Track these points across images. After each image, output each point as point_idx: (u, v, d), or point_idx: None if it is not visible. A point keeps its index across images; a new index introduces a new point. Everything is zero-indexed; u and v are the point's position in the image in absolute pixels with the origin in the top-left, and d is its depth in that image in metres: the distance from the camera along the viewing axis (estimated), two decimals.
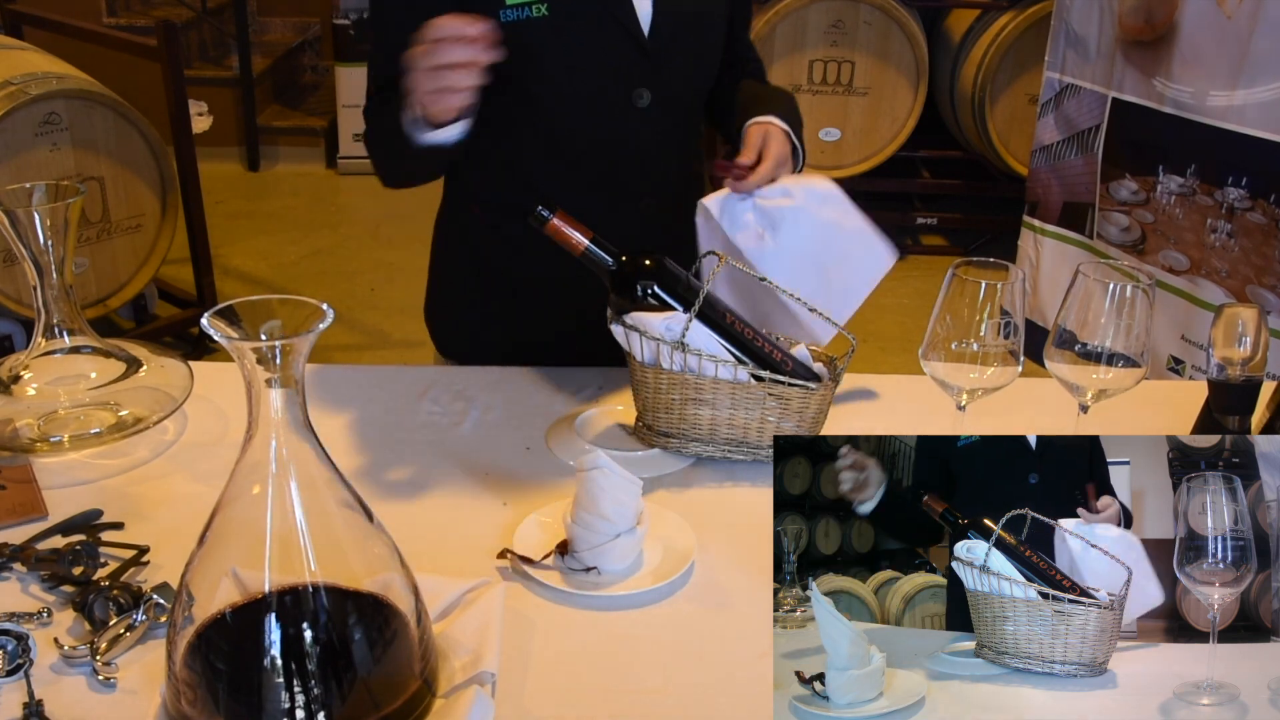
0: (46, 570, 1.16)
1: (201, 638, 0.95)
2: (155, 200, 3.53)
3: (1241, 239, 2.42)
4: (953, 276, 1.24)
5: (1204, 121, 2.44)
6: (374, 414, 1.52)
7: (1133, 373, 1.26)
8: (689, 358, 1.36)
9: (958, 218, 4.92)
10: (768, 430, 1.39)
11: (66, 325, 1.39)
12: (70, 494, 1.32)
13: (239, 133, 5.61)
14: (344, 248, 4.77)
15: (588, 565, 1.19)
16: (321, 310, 0.92)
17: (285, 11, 6.14)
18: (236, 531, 0.95)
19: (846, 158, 4.63)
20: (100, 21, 5.46)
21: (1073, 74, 2.83)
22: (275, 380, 0.91)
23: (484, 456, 1.43)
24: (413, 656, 0.99)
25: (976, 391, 1.27)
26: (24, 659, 1.02)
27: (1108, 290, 1.24)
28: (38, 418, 1.40)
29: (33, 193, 1.32)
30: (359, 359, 3.84)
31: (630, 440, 1.47)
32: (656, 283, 1.37)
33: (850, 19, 4.39)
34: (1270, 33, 2.26)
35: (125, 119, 3.35)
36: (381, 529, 1.01)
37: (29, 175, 3.15)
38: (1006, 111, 4.45)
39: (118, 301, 3.53)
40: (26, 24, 4.09)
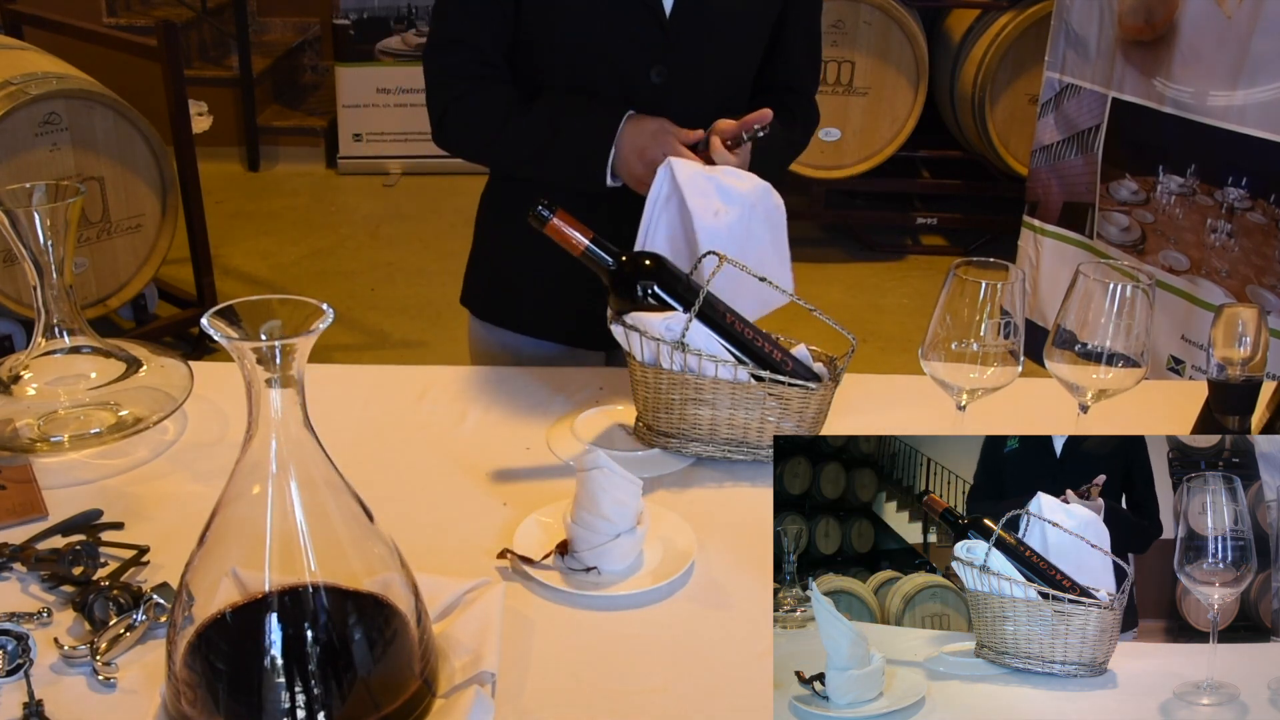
0: (46, 570, 1.16)
1: (201, 638, 0.95)
2: (155, 200, 3.53)
3: (1241, 239, 2.42)
4: (953, 276, 1.24)
5: (1204, 121, 2.44)
6: (374, 414, 1.52)
7: (1133, 373, 1.26)
8: (689, 358, 1.36)
9: (958, 218, 4.91)
10: (768, 430, 1.39)
11: (66, 325, 1.39)
12: (70, 494, 1.32)
13: (239, 133, 5.61)
14: (344, 248, 4.77)
15: (588, 565, 1.19)
16: (321, 310, 0.92)
17: (285, 11, 6.14)
18: (236, 531, 0.95)
19: (846, 158, 4.63)
20: (100, 21, 5.46)
21: (1073, 74, 2.83)
22: (275, 380, 0.91)
23: (484, 456, 1.43)
24: (413, 656, 0.99)
25: (976, 391, 1.27)
26: (24, 659, 1.02)
27: (1108, 290, 1.24)
28: (38, 418, 1.40)
29: (33, 193, 1.32)
30: (359, 359, 3.84)
31: (630, 440, 1.47)
32: (656, 283, 1.37)
33: (850, 19, 4.39)
34: (1270, 33, 2.26)
35: (125, 119, 3.35)
36: (381, 529, 1.01)
37: (29, 175, 3.15)
38: (1006, 111, 4.45)
39: (118, 301, 3.53)
40: (26, 24, 4.09)
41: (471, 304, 1.86)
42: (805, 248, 4.91)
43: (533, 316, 1.79)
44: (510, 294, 1.79)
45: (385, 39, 5.40)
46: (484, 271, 1.84)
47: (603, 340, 1.73)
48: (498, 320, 1.81)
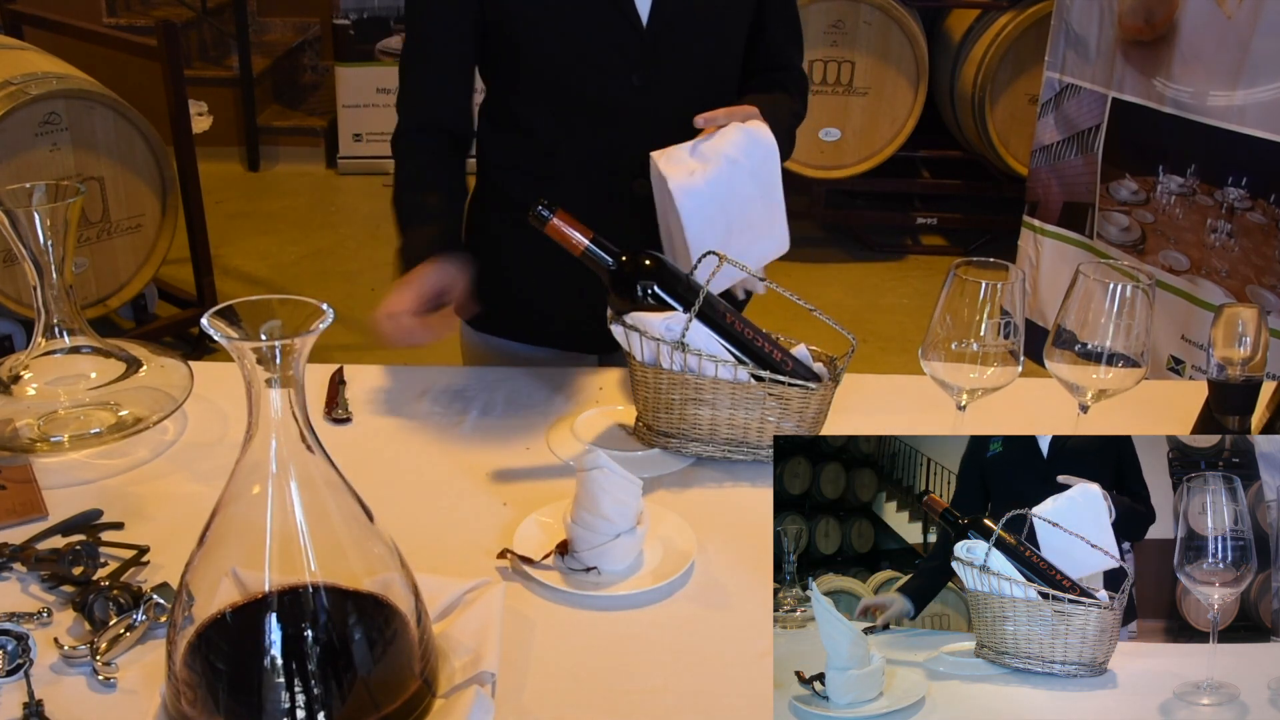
0: (46, 570, 1.16)
1: (201, 638, 0.95)
2: (155, 200, 3.53)
3: (1241, 239, 2.42)
4: (953, 276, 1.24)
5: (1204, 121, 2.44)
6: (374, 414, 1.52)
7: (1133, 373, 1.26)
8: (689, 358, 1.36)
9: (958, 218, 4.92)
10: (768, 430, 1.39)
11: (66, 325, 1.39)
12: (70, 494, 1.32)
13: (239, 133, 5.61)
14: (344, 248, 4.77)
15: (588, 565, 1.19)
16: (321, 310, 0.92)
17: (285, 11, 6.14)
18: (236, 531, 0.95)
19: (846, 158, 4.64)
20: (100, 21, 5.46)
21: (1073, 74, 2.83)
22: (275, 380, 0.91)
23: (484, 456, 1.43)
24: (413, 656, 0.99)
25: (976, 391, 1.27)
26: (24, 659, 1.02)
27: (1108, 290, 1.24)
28: (38, 418, 1.40)
29: (33, 193, 1.32)
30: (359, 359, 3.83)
31: (630, 440, 1.47)
32: (656, 283, 1.37)
33: (850, 19, 4.39)
34: (1270, 33, 2.26)
35: (125, 119, 3.35)
36: (381, 529, 1.01)
37: (29, 175, 3.15)
38: (1006, 111, 4.45)
39: (118, 301, 3.53)
40: (26, 24, 4.09)
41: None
42: (805, 248, 4.91)
43: (523, 322, 1.77)
44: (501, 299, 1.77)
45: (385, 39, 5.40)
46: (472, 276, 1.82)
47: (595, 344, 1.74)
48: (487, 326, 1.79)
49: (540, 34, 1.56)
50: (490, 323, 1.79)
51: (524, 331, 1.78)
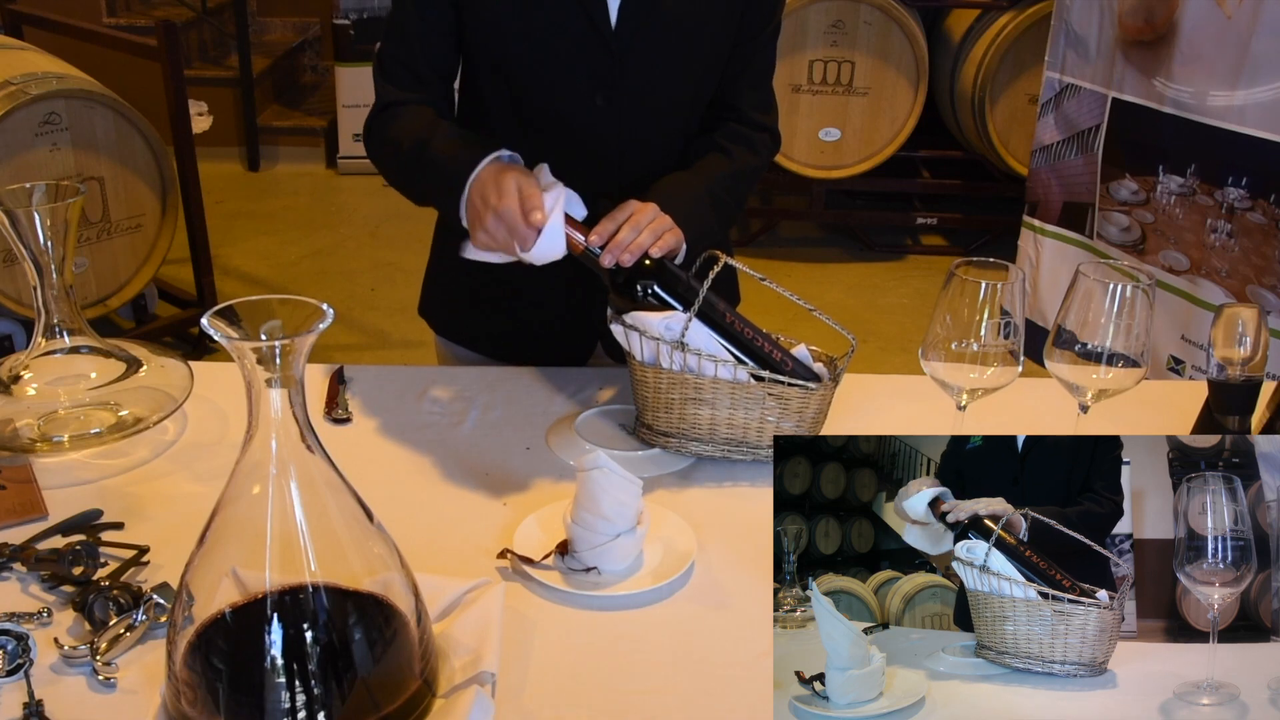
0: (46, 570, 1.16)
1: (201, 638, 0.95)
2: (155, 200, 3.53)
3: (1241, 239, 2.42)
4: (953, 276, 1.24)
5: (1204, 121, 2.44)
6: (374, 414, 1.52)
7: (1133, 373, 1.26)
8: (689, 357, 1.36)
9: (958, 218, 4.92)
10: (768, 430, 1.39)
11: (66, 325, 1.39)
12: (70, 494, 1.32)
13: (239, 133, 5.61)
14: (344, 248, 4.77)
15: (588, 565, 1.19)
16: (321, 310, 0.92)
17: (285, 11, 6.14)
18: (236, 531, 0.95)
19: (846, 158, 4.63)
20: (100, 21, 5.46)
21: (1073, 74, 2.83)
22: (275, 380, 0.91)
23: (484, 456, 1.43)
24: (413, 656, 0.99)
25: (976, 391, 1.27)
26: (24, 659, 1.02)
27: (1108, 290, 1.24)
28: (38, 418, 1.40)
29: (33, 193, 1.32)
30: (359, 359, 3.84)
31: (630, 440, 1.47)
32: (656, 283, 1.37)
33: (850, 19, 4.39)
34: (1270, 33, 2.26)
35: (125, 119, 3.35)
36: (381, 529, 1.01)
37: (29, 175, 3.15)
38: (1006, 111, 4.45)
39: (118, 301, 3.53)
40: (26, 24, 4.08)
41: (430, 317, 1.81)
42: (805, 248, 4.92)
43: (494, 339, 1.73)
44: (471, 312, 1.73)
45: None
46: (441, 286, 1.78)
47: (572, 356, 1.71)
48: (462, 338, 1.76)
49: (505, 48, 1.51)
50: (457, 332, 1.76)
51: (493, 348, 1.74)
